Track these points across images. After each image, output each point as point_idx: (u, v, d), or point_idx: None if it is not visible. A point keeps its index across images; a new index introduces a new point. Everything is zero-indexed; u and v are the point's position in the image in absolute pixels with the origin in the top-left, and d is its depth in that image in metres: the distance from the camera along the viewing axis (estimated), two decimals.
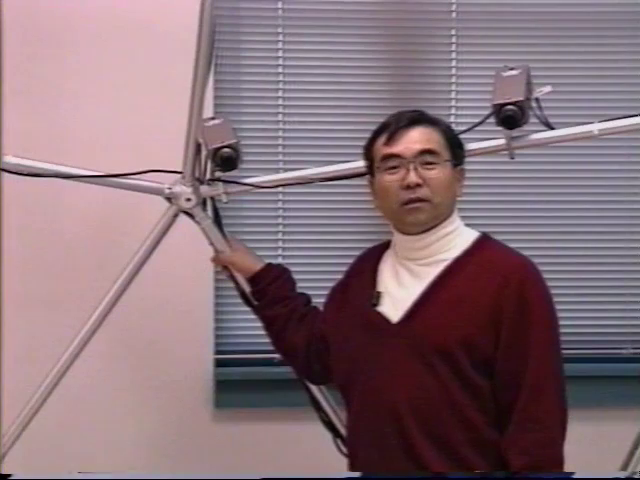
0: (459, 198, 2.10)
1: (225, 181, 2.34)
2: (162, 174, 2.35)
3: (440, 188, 2.04)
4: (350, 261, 2.27)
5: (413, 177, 2.02)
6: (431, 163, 2.04)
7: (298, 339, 2.26)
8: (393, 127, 2.06)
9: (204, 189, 2.36)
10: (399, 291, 2.07)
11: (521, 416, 1.96)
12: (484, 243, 2.09)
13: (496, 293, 1.98)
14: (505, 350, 1.97)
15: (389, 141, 2.05)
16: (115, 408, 2.91)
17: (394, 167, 2.04)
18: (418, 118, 2.08)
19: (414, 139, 2.04)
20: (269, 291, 2.30)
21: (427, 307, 2.02)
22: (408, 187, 2.02)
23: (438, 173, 2.04)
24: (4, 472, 2.25)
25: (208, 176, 2.35)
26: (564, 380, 2.02)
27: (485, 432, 1.98)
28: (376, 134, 2.10)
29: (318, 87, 3.01)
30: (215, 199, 2.39)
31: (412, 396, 1.99)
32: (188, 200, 2.35)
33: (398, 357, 2.01)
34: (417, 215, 2.03)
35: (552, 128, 2.24)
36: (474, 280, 2.02)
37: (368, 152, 2.12)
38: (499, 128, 2.19)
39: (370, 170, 2.13)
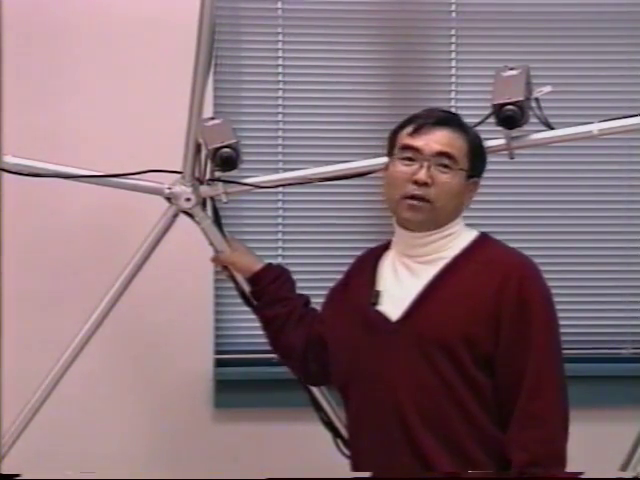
0: (465, 208, 2.11)
1: (225, 181, 2.34)
2: (162, 174, 2.35)
3: (446, 193, 2.04)
4: (350, 261, 2.27)
5: (423, 175, 2.02)
6: (446, 167, 2.04)
7: (295, 339, 2.26)
8: (422, 121, 2.07)
9: (204, 189, 2.36)
10: (398, 289, 2.07)
11: (522, 413, 1.96)
12: (483, 242, 2.10)
13: (496, 291, 1.99)
14: (505, 348, 1.98)
15: (413, 133, 2.06)
16: (115, 408, 2.91)
17: (409, 159, 2.05)
18: (449, 119, 2.09)
19: (437, 139, 2.04)
20: (268, 291, 2.30)
21: (427, 304, 2.02)
22: (416, 182, 2.02)
23: (449, 178, 2.04)
24: (5, 472, 2.25)
25: (208, 176, 2.35)
26: (565, 377, 2.02)
27: (487, 428, 1.99)
28: (404, 123, 2.11)
29: (318, 87, 3.01)
30: (215, 199, 2.39)
31: (415, 393, 2.00)
32: (188, 200, 2.35)
33: (399, 354, 2.02)
34: (415, 213, 2.04)
35: (552, 128, 2.24)
36: (474, 278, 2.02)
37: (392, 138, 2.12)
38: (499, 128, 2.19)
39: (389, 156, 2.13)
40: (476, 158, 2.09)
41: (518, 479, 1.95)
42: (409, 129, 2.08)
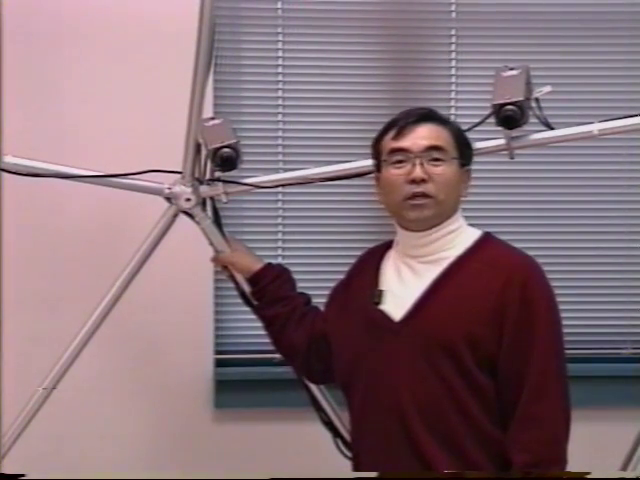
0: (463, 199, 2.11)
1: (225, 181, 2.34)
2: (162, 174, 2.35)
3: (445, 185, 2.04)
4: (350, 261, 2.27)
5: (419, 172, 2.02)
6: (438, 160, 2.04)
7: (298, 339, 2.26)
8: (402, 122, 2.07)
9: (204, 189, 2.36)
10: (401, 289, 2.07)
11: (523, 414, 1.96)
12: (487, 242, 2.10)
13: (499, 291, 1.99)
14: (508, 348, 1.98)
15: (397, 135, 2.06)
16: (115, 408, 2.91)
17: (401, 161, 2.05)
18: (428, 115, 2.09)
19: (422, 135, 2.05)
20: (269, 291, 2.30)
21: (430, 304, 2.02)
22: (413, 182, 2.02)
23: (444, 170, 2.04)
24: (5, 472, 2.25)
25: (208, 176, 2.35)
26: (567, 378, 2.02)
27: (488, 429, 1.99)
28: (385, 129, 2.11)
29: (318, 87, 3.01)
30: (215, 199, 2.39)
31: (416, 393, 2.00)
32: (188, 200, 2.35)
33: (401, 355, 2.02)
34: (421, 211, 2.03)
35: (552, 128, 2.24)
36: (477, 278, 2.02)
37: (376, 146, 2.12)
38: (499, 128, 2.19)
39: (377, 165, 2.13)
40: (464, 146, 2.10)
41: (523, 479, 1.95)
42: (392, 133, 2.08)
